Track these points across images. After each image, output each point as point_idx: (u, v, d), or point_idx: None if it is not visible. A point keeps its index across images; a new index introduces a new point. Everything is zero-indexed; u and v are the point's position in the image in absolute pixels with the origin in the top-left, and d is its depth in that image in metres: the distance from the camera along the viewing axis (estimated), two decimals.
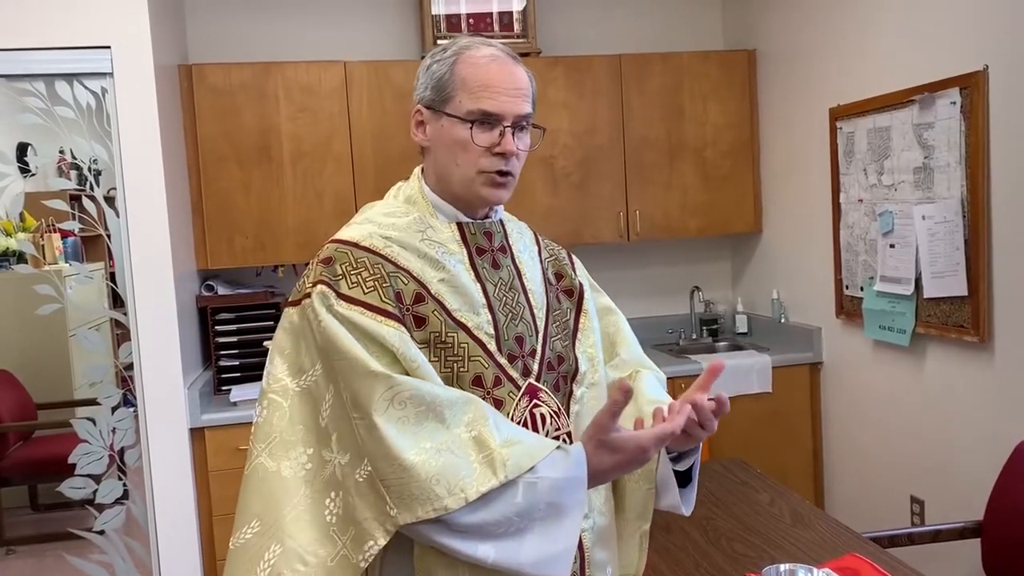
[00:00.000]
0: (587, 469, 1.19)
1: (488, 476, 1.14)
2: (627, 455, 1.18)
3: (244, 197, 3.50)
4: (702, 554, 2.05)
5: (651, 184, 3.89)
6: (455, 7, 3.77)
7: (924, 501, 3.05)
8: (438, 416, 1.17)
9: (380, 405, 1.16)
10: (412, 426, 1.16)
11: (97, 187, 3.14)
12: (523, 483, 1.15)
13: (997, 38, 2.57)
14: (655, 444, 1.18)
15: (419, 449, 1.14)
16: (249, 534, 1.20)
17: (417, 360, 1.21)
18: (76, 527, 3.20)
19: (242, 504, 1.23)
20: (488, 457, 1.15)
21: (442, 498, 1.12)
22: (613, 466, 1.20)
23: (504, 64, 1.31)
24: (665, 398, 1.41)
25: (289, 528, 1.19)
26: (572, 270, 1.50)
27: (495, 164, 1.30)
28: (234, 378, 3.46)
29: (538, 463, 1.16)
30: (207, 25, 3.78)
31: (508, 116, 1.29)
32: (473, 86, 1.29)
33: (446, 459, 1.14)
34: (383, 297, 1.23)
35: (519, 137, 1.32)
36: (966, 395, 2.81)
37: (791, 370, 3.69)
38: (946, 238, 2.78)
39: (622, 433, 1.18)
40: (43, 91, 2.93)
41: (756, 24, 3.97)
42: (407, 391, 1.17)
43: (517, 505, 1.15)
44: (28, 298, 3.30)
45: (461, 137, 1.29)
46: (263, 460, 1.22)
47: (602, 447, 1.19)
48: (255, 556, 1.19)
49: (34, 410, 4.78)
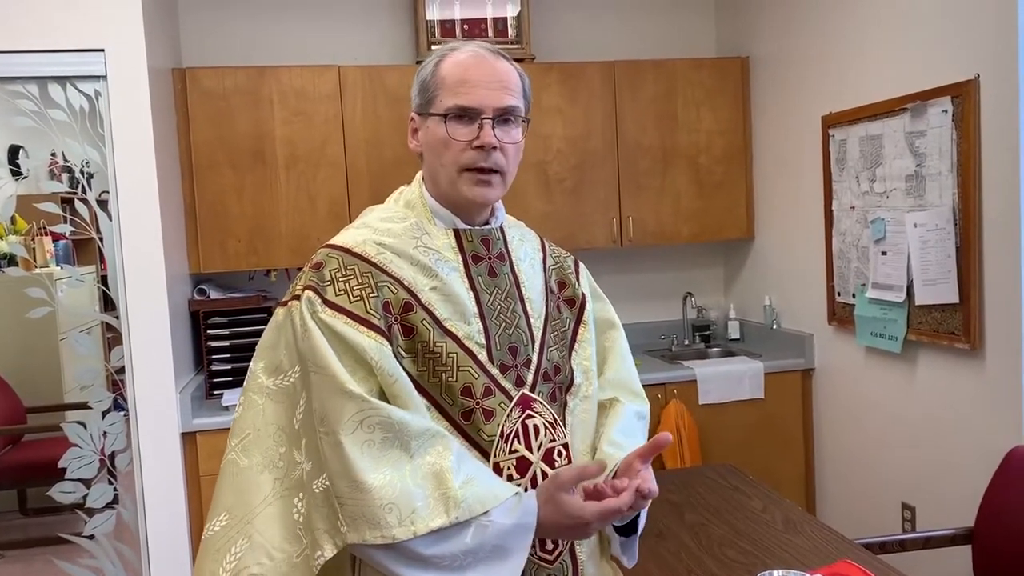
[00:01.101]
0: (536, 519, 1.20)
1: (439, 513, 1.14)
2: (571, 520, 1.19)
3: (237, 201, 3.49)
4: (695, 560, 2.05)
5: (644, 190, 3.90)
6: (449, 12, 3.78)
7: (915, 507, 3.06)
8: (404, 445, 1.18)
9: (348, 426, 1.16)
10: (376, 451, 1.16)
11: (89, 190, 3.13)
12: (475, 525, 1.16)
13: (988, 47, 2.59)
14: (598, 520, 1.19)
15: (379, 474, 1.15)
16: (218, 527, 1.24)
17: (395, 375, 1.21)
18: (66, 531, 3.18)
19: (215, 496, 1.27)
20: (444, 495, 1.16)
21: (392, 527, 1.13)
22: (554, 525, 1.20)
23: (483, 59, 1.30)
24: (633, 440, 1.39)
25: (257, 523, 1.21)
26: (576, 279, 1.49)
27: (475, 159, 1.28)
28: (226, 382, 3.45)
29: (492, 508, 1.17)
30: (201, 29, 3.78)
31: (487, 108, 1.27)
32: (451, 83, 1.29)
33: (403, 488, 1.15)
34: (368, 307, 1.23)
35: (504, 130, 1.30)
36: (958, 402, 2.82)
37: (783, 376, 3.69)
38: (938, 245, 2.79)
39: (572, 498, 1.20)
40: (36, 93, 2.93)
41: (749, 31, 3.99)
42: (378, 416, 1.17)
43: (465, 545, 1.16)
44: (19, 301, 3.28)
45: (441, 135, 1.29)
46: (236, 456, 1.25)
47: (551, 503, 1.20)
48: (223, 548, 1.22)
49: (24, 414, 4.75)
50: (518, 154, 1.34)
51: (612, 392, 1.46)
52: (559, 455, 1.31)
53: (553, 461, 1.30)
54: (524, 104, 1.33)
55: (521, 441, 1.27)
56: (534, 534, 1.20)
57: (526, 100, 1.34)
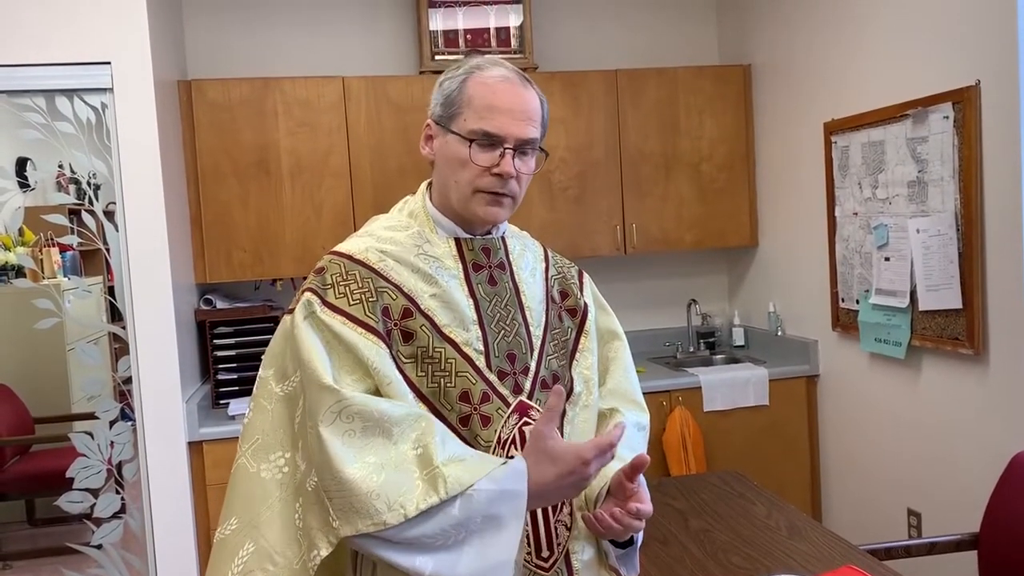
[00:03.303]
0: (528, 482, 1.18)
1: (430, 493, 1.14)
2: (567, 465, 1.18)
3: (243, 211, 3.52)
4: (699, 566, 2.05)
5: (647, 197, 3.91)
6: (453, 23, 3.80)
7: (921, 513, 3.06)
8: (385, 432, 1.19)
9: (327, 417, 1.18)
10: (358, 440, 1.17)
11: (96, 201, 3.15)
12: (461, 497, 1.15)
13: (989, 53, 2.60)
14: (594, 453, 1.18)
15: (362, 463, 1.16)
16: (228, 531, 1.26)
17: (390, 377, 1.23)
18: (74, 541, 3.19)
19: (226, 500, 1.29)
20: (431, 474, 1.16)
21: (382, 513, 1.13)
22: (556, 478, 1.19)
23: (512, 86, 1.31)
24: (631, 452, 1.37)
25: (263, 528, 1.24)
26: (579, 289, 1.49)
27: (492, 185, 1.30)
28: (232, 391, 3.47)
29: (478, 479, 1.16)
30: (206, 41, 3.81)
31: (510, 139, 1.29)
32: (479, 106, 1.30)
33: (388, 475, 1.15)
34: (367, 311, 1.25)
35: (522, 160, 1.32)
36: (962, 407, 2.82)
37: (788, 383, 3.70)
38: (940, 251, 2.80)
39: (560, 441, 1.20)
40: (43, 106, 2.95)
41: (751, 39, 4.01)
42: (355, 406, 1.18)
43: (454, 517, 1.15)
44: (27, 312, 3.31)
45: (461, 155, 1.30)
46: (245, 461, 1.28)
47: (542, 457, 1.19)
48: (231, 552, 1.25)
49: (32, 424, 4.77)
50: (529, 181, 1.37)
51: (612, 402, 1.46)
52: None
53: None
54: (542, 132, 1.36)
55: (518, 447, 1.28)
56: (528, 499, 1.19)
57: (543, 128, 1.36)
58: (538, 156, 1.36)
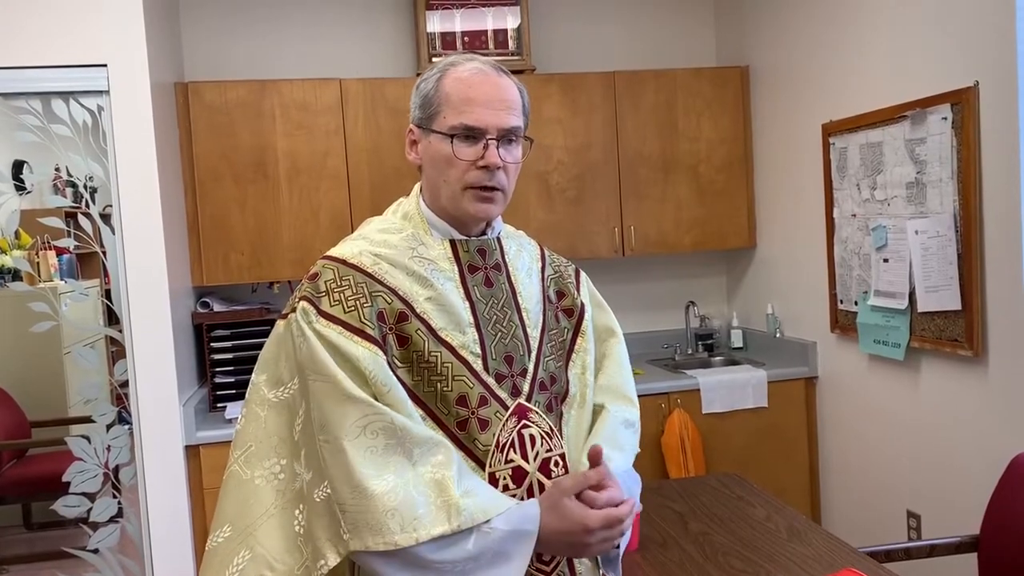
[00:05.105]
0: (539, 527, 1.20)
1: (442, 521, 1.15)
2: (571, 526, 1.20)
3: (240, 214, 3.51)
4: (699, 569, 2.04)
5: (646, 199, 3.90)
6: (450, 25, 3.80)
7: (921, 515, 3.05)
8: (406, 452, 1.19)
9: (352, 431, 1.17)
10: (380, 457, 1.17)
11: (93, 204, 3.14)
12: (477, 532, 1.17)
13: (987, 54, 2.59)
14: (601, 527, 1.20)
15: (382, 480, 1.16)
16: (221, 538, 1.25)
17: (388, 384, 1.22)
18: (70, 546, 3.18)
19: (218, 507, 1.28)
20: (446, 503, 1.16)
21: (394, 533, 1.14)
22: (556, 533, 1.20)
23: (488, 77, 1.30)
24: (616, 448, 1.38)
25: (259, 535, 1.22)
26: (576, 289, 1.49)
27: (480, 179, 1.29)
28: (229, 395, 3.46)
29: (494, 516, 1.18)
30: (203, 43, 3.80)
31: (491, 129, 1.28)
32: (456, 101, 1.29)
33: (405, 495, 1.15)
34: (362, 317, 1.24)
35: (507, 150, 1.31)
36: (961, 409, 2.81)
37: (786, 384, 3.69)
38: (939, 252, 2.80)
39: (573, 503, 1.20)
40: (39, 109, 2.94)
41: (749, 41, 4.00)
42: (381, 422, 1.18)
43: (468, 551, 1.17)
44: (23, 315, 3.29)
45: (445, 152, 1.29)
46: (238, 468, 1.27)
47: (553, 510, 1.20)
48: (225, 560, 1.23)
49: (28, 428, 4.76)
50: (517, 171, 1.35)
51: (602, 397, 1.45)
52: (556, 465, 1.31)
53: (550, 471, 1.29)
54: (524, 121, 1.34)
55: (517, 451, 1.27)
56: (536, 542, 1.20)
57: (525, 116, 1.35)
58: (524, 144, 1.35)
